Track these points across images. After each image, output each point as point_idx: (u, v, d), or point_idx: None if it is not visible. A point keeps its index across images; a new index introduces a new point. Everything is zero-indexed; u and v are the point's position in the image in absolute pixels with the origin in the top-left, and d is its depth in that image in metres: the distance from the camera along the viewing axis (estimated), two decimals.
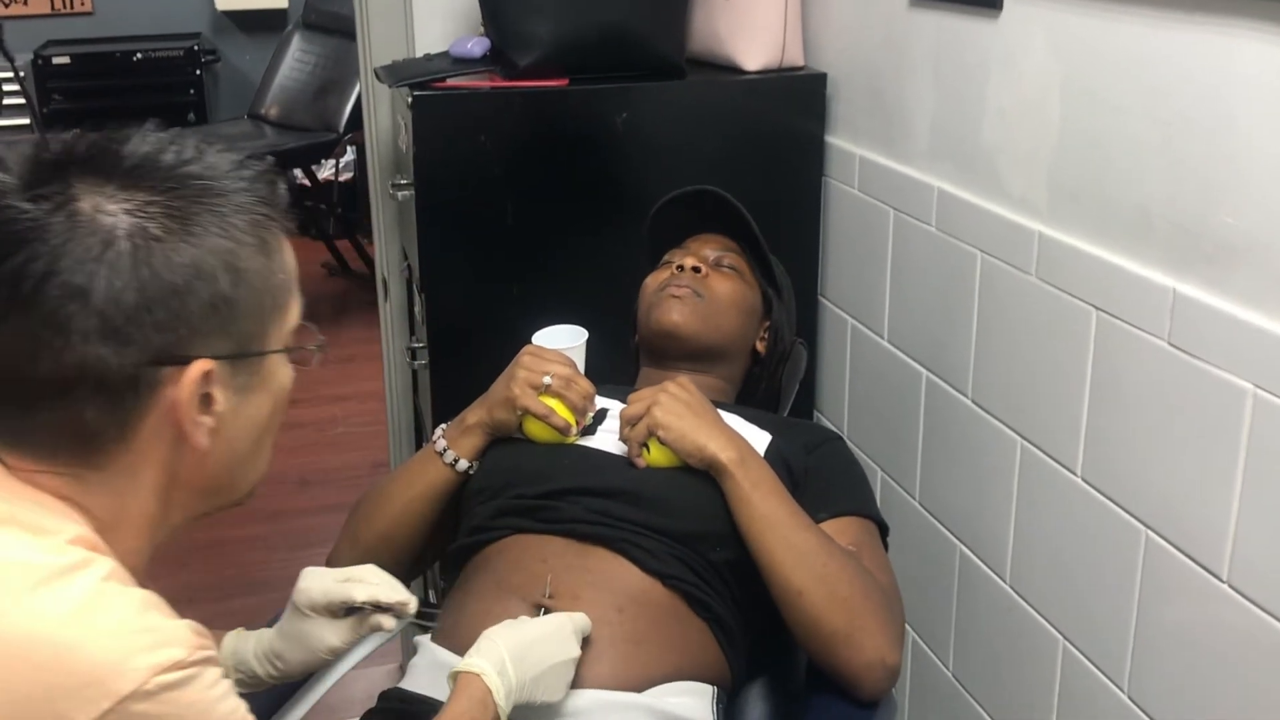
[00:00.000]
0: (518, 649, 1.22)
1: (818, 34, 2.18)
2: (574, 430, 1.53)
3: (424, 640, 1.43)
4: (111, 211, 0.88)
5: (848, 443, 1.70)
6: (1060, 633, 1.63)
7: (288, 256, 1.00)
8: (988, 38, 1.70)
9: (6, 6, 5.71)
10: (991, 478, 1.76)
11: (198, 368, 0.91)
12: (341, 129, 5.13)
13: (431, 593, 2.38)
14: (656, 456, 1.47)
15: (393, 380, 2.56)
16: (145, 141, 0.93)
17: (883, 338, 2.05)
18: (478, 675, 1.19)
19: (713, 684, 1.40)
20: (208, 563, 3.36)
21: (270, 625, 1.36)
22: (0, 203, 0.88)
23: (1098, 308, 1.50)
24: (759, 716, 1.51)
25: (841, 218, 2.17)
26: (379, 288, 2.55)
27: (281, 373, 1.03)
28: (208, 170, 0.93)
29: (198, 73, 5.89)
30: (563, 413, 1.52)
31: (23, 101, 5.44)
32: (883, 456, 2.10)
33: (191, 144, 0.94)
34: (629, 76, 2.08)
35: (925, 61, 1.87)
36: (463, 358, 2.10)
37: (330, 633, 1.30)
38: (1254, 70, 1.26)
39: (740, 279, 1.70)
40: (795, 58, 2.17)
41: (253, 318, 0.96)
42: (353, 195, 5.88)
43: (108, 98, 5.70)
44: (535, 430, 1.53)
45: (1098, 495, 1.53)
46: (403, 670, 2.75)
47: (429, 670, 1.38)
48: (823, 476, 1.54)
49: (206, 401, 0.93)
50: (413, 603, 1.30)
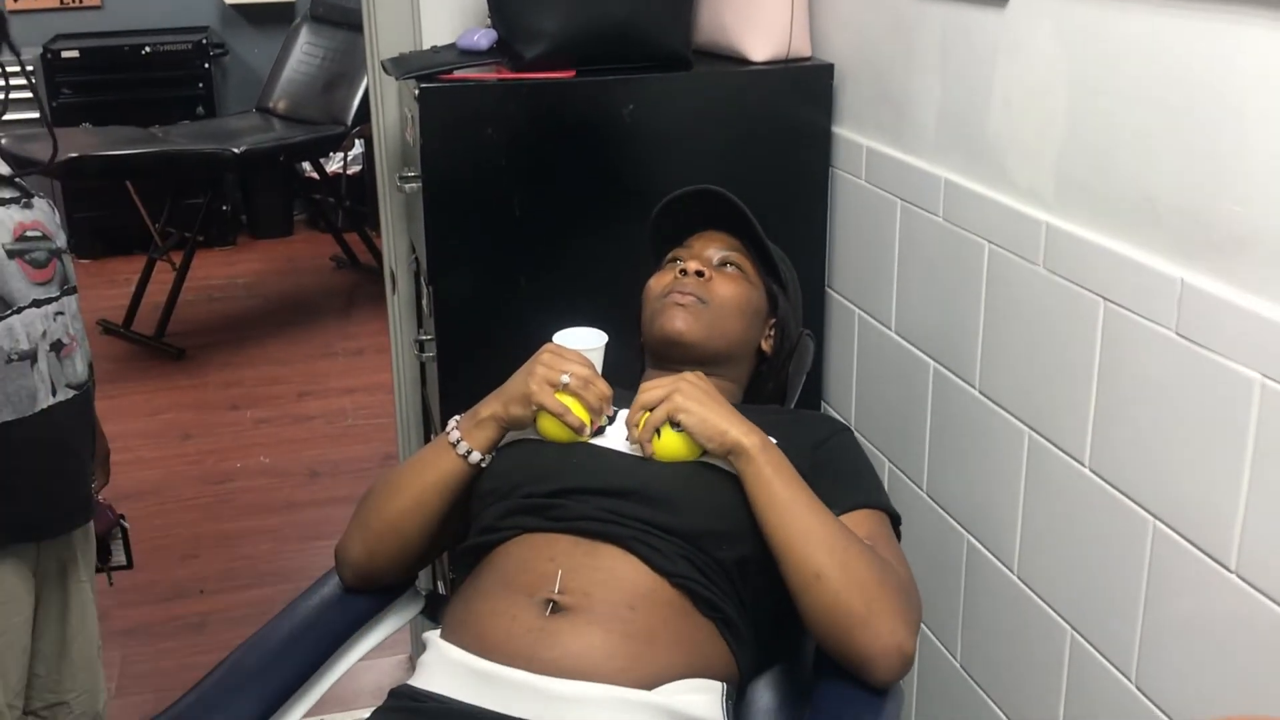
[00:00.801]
0: None
1: (824, 25, 2.18)
2: (588, 431, 1.53)
3: (433, 637, 1.44)
4: None
5: (855, 433, 1.70)
6: (1068, 623, 1.63)
7: None
8: (995, 28, 1.69)
9: (16, 0, 5.72)
10: (999, 468, 1.76)
11: None
12: (349, 122, 5.13)
13: (441, 584, 2.39)
14: (668, 444, 1.47)
15: (401, 373, 2.57)
16: None
17: (890, 329, 2.05)
18: None
19: (722, 680, 1.40)
20: (218, 554, 3.38)
21: None
22: None
23: (1105, 298, 1.50)
24: (767, 707, 1.51)
25: (848, 209, 2.17)
26: (387, 280, 2.55)
27: None
28: None
29: (206, 66, 5.89)
30: (578, 412, 1.52)
31: (31, 95, 5.45)
32: (890, 448, 2.10)
33: None
34: (636, 68, 2.08)
35: (932, 52, 1.87)
36: (470, 350, 2.10)
37: None
38: (1262, 59, 1.25)
39: (744, 280, 1.70)
40: (802, 48, 2.17)
41: None
42: (361, 188, 5.89)
43: (116, 91, 5.71)
44: (549, 428, 1.53)
45: (1105, 485, 1.53)
46: (412, 661, 2.77)
47: (439, 668, 1.39)
48: (833, 471, 1.54)
49: None
50: None
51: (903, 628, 1.37)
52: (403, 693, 1.39)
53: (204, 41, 5.88)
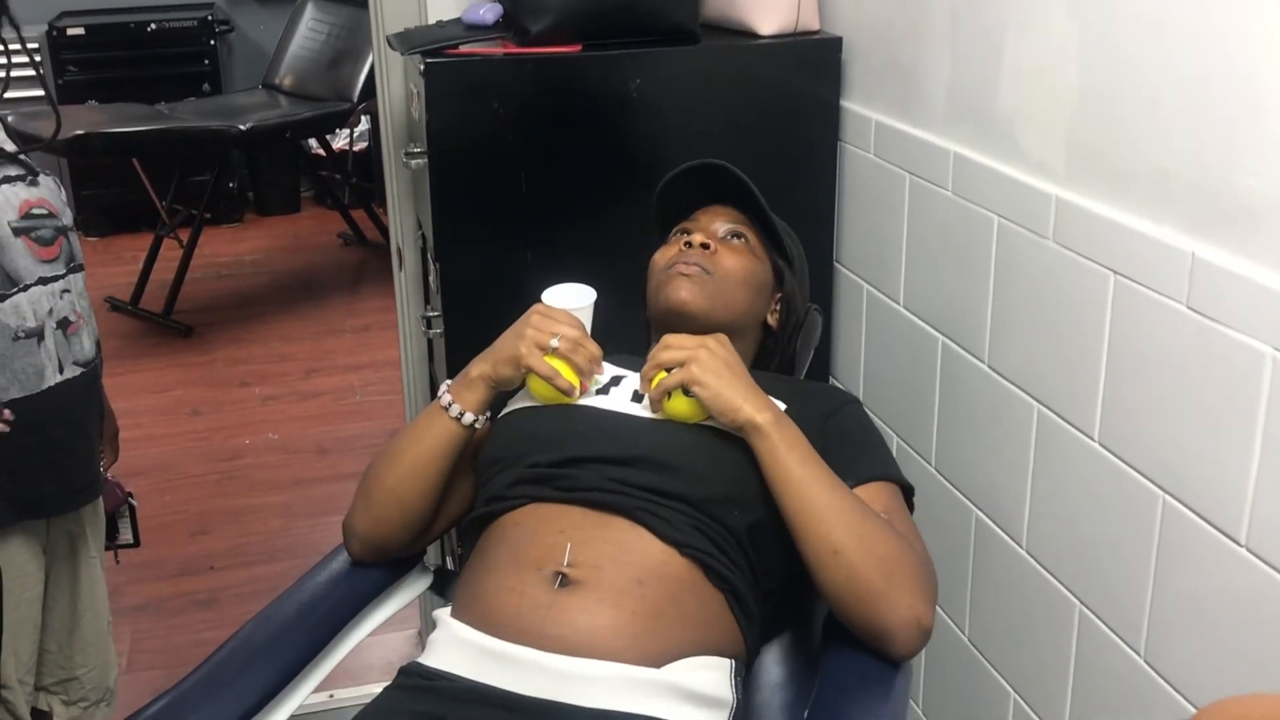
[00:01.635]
0: None
1: None
2: (577, 393, 1.53)
3: (443, 615, 1.44)
4: None
5: (862, 405, 1.70)
6: (1077, 598, 1.63)
7: None
8: (1005, 0, 1.68)
9: None
10: (1008, 443, 1.75)
11: None
12: (355, 98, 5.12)
13: (450, 560, 2.39)
14: (678, 406, 1.46)
15: (408, 349, 2.57)
16: None
17: (898, 303, 2.05)
18: None
19: (730, 656, 1.40)
20: (228, 530, 3.39)
21: None
22: None
23: (1116, 271, 1.49)
24: (776, 681, 1.51)
25: (857, 183, 2.16)
26: (394, 257, 2.55)
27: None
28: None
29: (212, 43, 5.88)
30: (568, 374, 1.52)
31: (33, 74, 5.44)
32: (899, 422, 2.10)
33: None
34: (642, 42, 2.07)
35: (941, 24, 1.85)
36: (477, 325, 2.08)
37: None
38: (1275, 31, 1.24)
39: (749, 253, 1.69)
40: (810, 22, 2.16)
41: None
42: (368, 165, 5.88)
43: (122, 69, 5.70)
44: (539, 389, 1.53)
45: (1115, 460, 1.52)
46: (421, 636, 2.78)
47: (448, 646, 1.39)
48: (844, 444, 1.54)
49: None
50: None
51: (921, 601, 1.37)
52: (413, 670, 1.39)
53: (209, 18, 5.86)
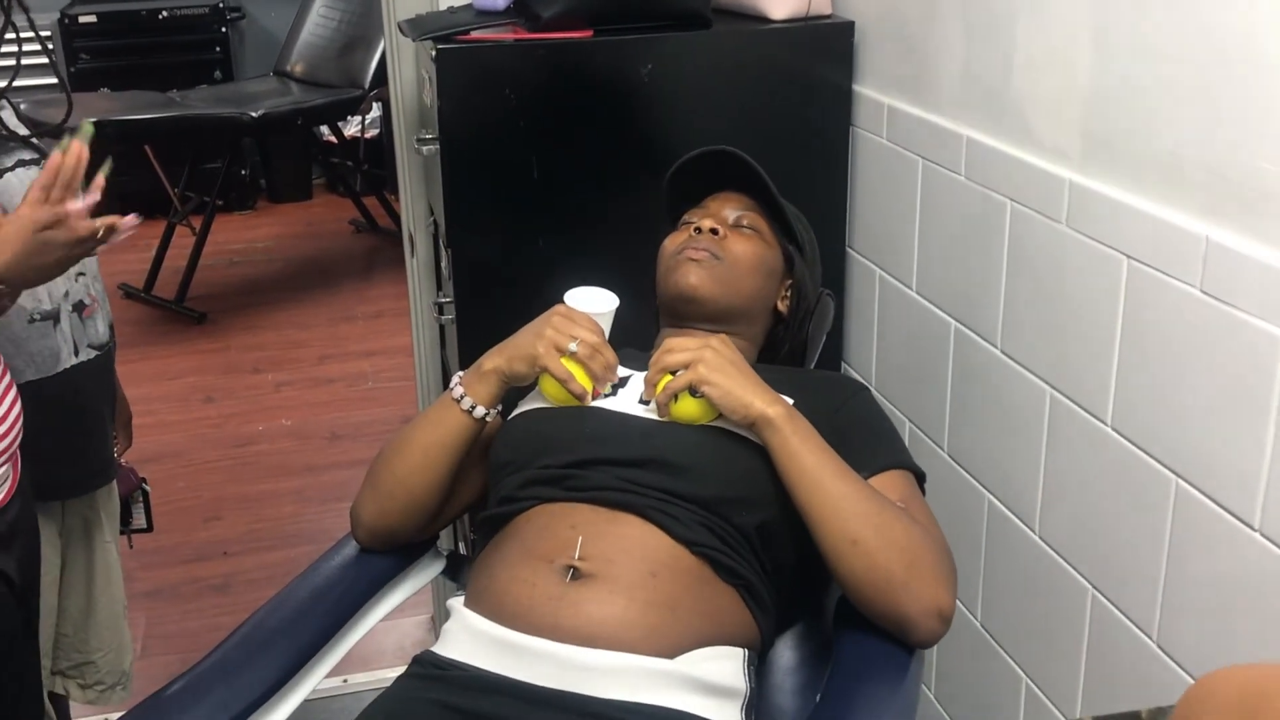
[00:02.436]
0: None
1: None
2: (589, 399, 1.53)
3: (456, 605, 1.44)
4: None
5: (873, 392, 1.70)
6: (1089, 582, 1.63)
7: None
8: None
9: None
10: (1021, 428, 1.75)
11: None
12: (367, 85, 5.12)
13: (463, 545, 2.40)
14: (686, 408, 1.46)
15: (420, 335, 2.57)
16: None
17: (911, 288, 2.04)
18: None
19: (744, 646, 1.41)
20: (240, 516, 3.40)
21: None
22: None
23: (1129, 256, 1.48)
24: (788, 666, 1.51)
25: (870, 168, 2.16)
26: (405, 243, 2.55)
27: None
28: None
29: (223, 30, 5.88)
30: (582, 379, 1.52)
31: (45, 61, 5.45)
32: (911, 407, 2.09)
33: None
34: (654, 27, 2.07)
35: (954, 8, 1.84)
36: (489, 311, 2.10)
37: None
38: None
39: (760, 239, 1.69)
40: (822, 6, 2.15)
41: None
42: (379, 152, 5.88)
43: (134, 56, 5.70)
44: (551, 390, 1.53)
45: (1128, 444, 1.52)
46: (434, 622, 2.79)
47: (462, 636, 1.39)
48: (856, 434, 1.53)
49: None
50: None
51: (941, 589, 1.37)
52: (426, 660, 1.40)
53: (221, 5, 5.86)
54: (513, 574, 1.39)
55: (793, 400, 1.48)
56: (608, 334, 1.59)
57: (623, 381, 1.58)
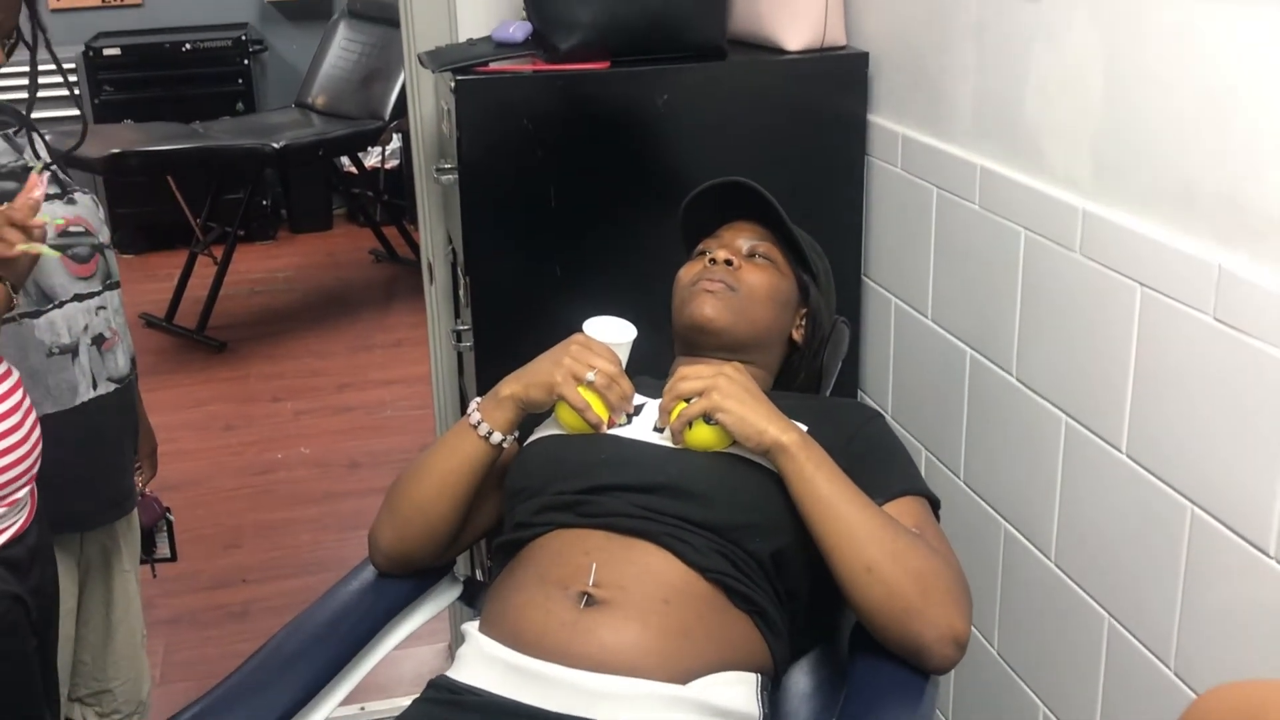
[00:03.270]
0: None
1: (859, 13, 2.18)
2: (604, 428, 1.54)
3: (471, 629, 1.45)
4: None
5: (887, 419, 1.70)
6: (1106, 610, 1.63)
7: None
8: (1030, 13, 1.69)
9: None
10: (1036, 455, 1.75)
11: None
12: (387, 116, 5.16)
13: (479, 571, 2.40)
14: (701, 435, 1.47)
15: (439, 363, 2.59)
16: None
17: (926, 316, 2.05)
18: None
19: (757, 672, 1.41)
20: (259, 544, 3.42)
21: None
22: None
23: (1142, 284, 1.49)
24: (803, 692, 1.51)
25: (884, 197, 2.17)
26: (424, 271, 2.57)
27: None
28: None
29: (246, 62, 5.94)
30: (598, 409, 1.53)
31: (65, 94, 5.51)
32: (927, 435, 2.10)
33: None
34: (670, 58, 2.08)
35: (968, 39, 1.86)
36: (507, 339, 2.11)
37: None
38: None
39: (774, 269, 1.70)
40: (837, 37, 2.17)
41: None
42: (399, 182, 5.91)
43: (158, 88, 5.76)
44: (567, 418, 1.55)
45: (1143, 472, 1.52)
46: (451, 650, 2.79)
47: (476, 661, 1.40)
48: (870, 461, 1.54)
49: None
50: None
51: (957, 615, 1.37)
52: (441, 684, 1.40)
53: (243, 38, 5.92)
54: (527, 599, 1.39)
55: (807, 427, 1.48)
56: (625, 364, 1.60)
57: (638, 409, 1.59)
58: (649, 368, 1.70)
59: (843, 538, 1.38)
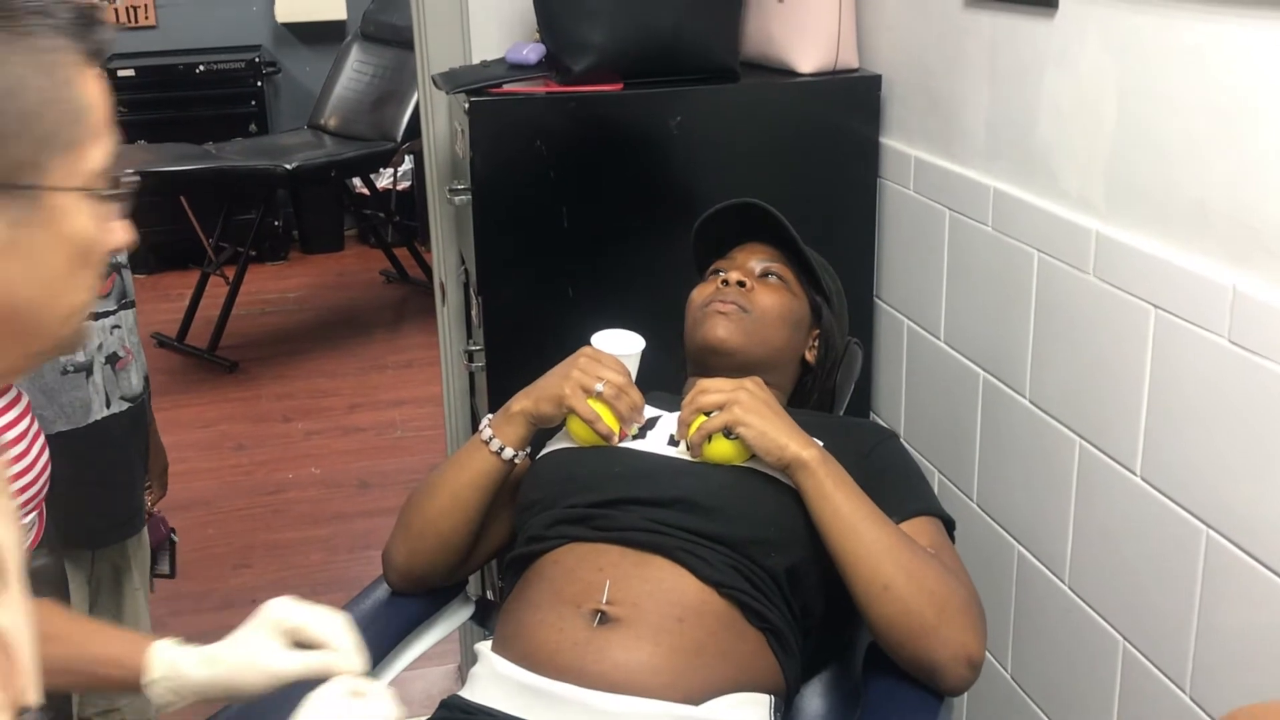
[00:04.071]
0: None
1: (872, 35, 2.18)
2: (615, 439, 1.54)
3: (484, 649, 1.45)
4: None
5: (901, 440, 1.70)
6: (1120, 633, 1.62)
7: (88, 90, 0.87)
8: (1043, 36, 1.69)
9: None
10: (1050, 478, 1.75)
11: None
12: (399, 138, 5.18)
13: (490, 591, 2.40)
14: (719, 449, 1.47)
15: (451, 383, 2.59)
16: None
17: (939, 338, 2.05)
18: None
19: (769, 693, 1.40)
20: (269, 564, 3.42)
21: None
22: None
23: (1156, 306, 1.49)
24: (817, 713, 1.51)
25: (897, 219, 2.17)
26: (437, 292, 2.57)
27: (79, 216, 0.87)
28: None
29: (259, 84, 5.97)
30: (608, 420, 1.53)
31: None
32: (940, 457, 2.09)
33: None
34: (683, 80, 2.09)
35: (980, 61, 1.86)
36: (519, 359, 2.11)
37: (281, 658, 1.23)
38: None
39: (786, 290, 1.70)
40: (849, 59, 2.17)
41: (23, 143, 0.83)
42: (410, 203, 5.94)
43: (171, 109, 5.80)
44: (578, 430, 1.54)
45: (1157, 494, 1.51)
46: (461, 671, 2.78)
47: (488, 680, 1.40)
48: (885, 480, 1.54)
49: None
50: (360, 667, 1.20)
51: (971, 636, 1.37)
52: (453, 704, 1.40)
53: (256, 60, 5.96)
54: (540, 618, 1.39)
55: (822, 444, 1.48)
56: (634, 376, 1.60)
57: (651, 423, 1.59)
58: (661, 387, 1.70)
59: (860, 555, 1.38)
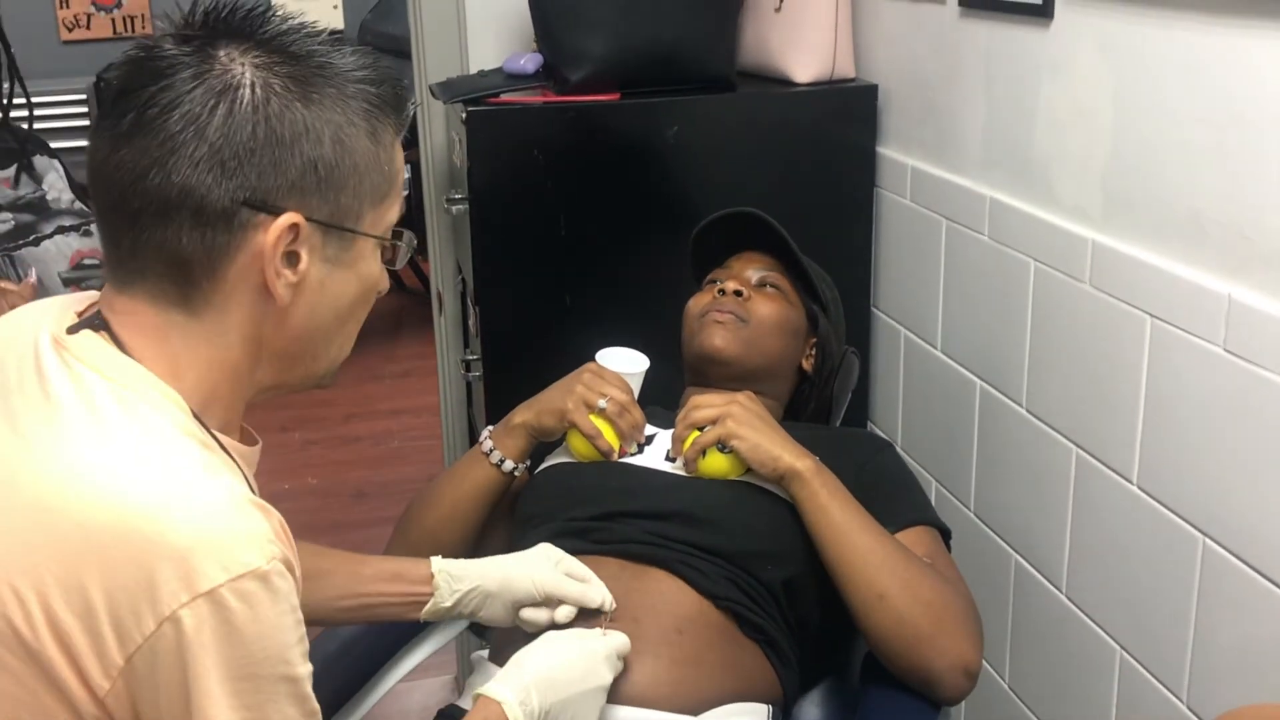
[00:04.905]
0: (545, 676, 1.22)
1: (868, 45, 2.19)
2: (615, 456, 1.55)
3: (481, 659, 1.45)
4: (243, 64, 0.97)
5: (897, 450, 1.70)
6: (1117, 643, 1.62)
7: (397, 155, 1.07)
8: (1039, 46, 1.69)
9: (70, 31, 5.83)
10: (1046, 487, 1.75)
11: (287, 219, 0.97)
12: None
13: None
14: (714, 464, 1.47)
15: (447, 392, 2.59)
16: (287, 23, 1.02)
17: (936, 348, 2.05)
18: (498, 704, 1.19)
19: (767, 703, 1.40)
20: None
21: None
22: (152, 42, 0.99)
23: (1152, 315, 1.49)
24: None
25: (893, 228, 2.17)
26: (434, 301, 2.57)
27: (371, 263, 1.07)
28: (337, 55, 1.02)
29: None
30: (609, 436, 1.54)
31: (83, 124, 5.55)
32: (937, 466, 2.09)
33: (329, 37, 1.04)
34: (680, 90, 2.09)
35: (976, 71, 1.87)
36: (516, 369, 2.11)
37: (550, 576, 1.36)
38: None
39: (783, 299, 1.70)
40: (846, 69, 2.18)
41: (351, 193, 1.01)
42: (408, 213, 5.92)
43: None
44: (578, 445, 1.55)
45: (1154, 503, 1.52)
46: (458, 682, 2.78)
47: None
48: (881, 490, 1.54)
49: (293, 260, 0.99)
50: (608, 602, 1.36)
51: (968, 645, 1.37)
52: (451, 714, 1.40)
53: None
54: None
55: (818, 455, 1.48)
56: (637, 395, 1.61)
57: (649, 439, 1.60)
58: (659, 398, 1.70)
59: (856, 565, 1.38)
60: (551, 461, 1.61)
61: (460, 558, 1.58)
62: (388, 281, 1.11)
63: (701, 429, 1.49)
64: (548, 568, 1.36)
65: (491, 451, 1.56)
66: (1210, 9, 1.37)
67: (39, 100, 4.66)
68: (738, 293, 1.67)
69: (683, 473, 1.52)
